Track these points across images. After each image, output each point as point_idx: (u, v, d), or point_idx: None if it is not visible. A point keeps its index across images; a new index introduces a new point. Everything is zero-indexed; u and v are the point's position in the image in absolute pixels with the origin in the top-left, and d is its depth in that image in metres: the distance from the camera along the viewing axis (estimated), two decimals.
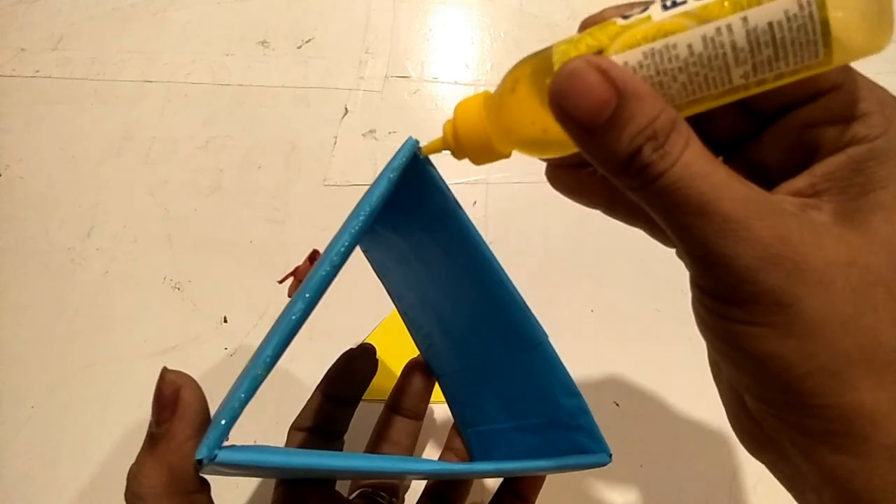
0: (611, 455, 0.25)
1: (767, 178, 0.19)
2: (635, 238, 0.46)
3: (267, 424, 0.37)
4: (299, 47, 0.57)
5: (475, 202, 0.47)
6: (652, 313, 0.42)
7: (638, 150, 0.16)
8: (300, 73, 0.55)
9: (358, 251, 0.31)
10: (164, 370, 0.20)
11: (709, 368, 0.24)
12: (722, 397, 0.20)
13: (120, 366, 0.40)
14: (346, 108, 0.53)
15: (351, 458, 0.21)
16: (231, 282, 0.43)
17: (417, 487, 0.33)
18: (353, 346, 0.32)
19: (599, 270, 0.44)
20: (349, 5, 0.60)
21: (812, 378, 0.16)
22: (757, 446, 0.19)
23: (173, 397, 0.20)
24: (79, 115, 0.52)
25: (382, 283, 0.33)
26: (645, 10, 0.17)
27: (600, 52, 0.17)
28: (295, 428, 0.30)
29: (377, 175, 0.23)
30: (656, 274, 0.43)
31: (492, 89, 0.21)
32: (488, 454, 0.30)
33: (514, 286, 0.26)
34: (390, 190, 0.23)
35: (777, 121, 0.18)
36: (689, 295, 0.18)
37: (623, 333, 0.41)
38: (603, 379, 0.39)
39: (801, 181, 0.17)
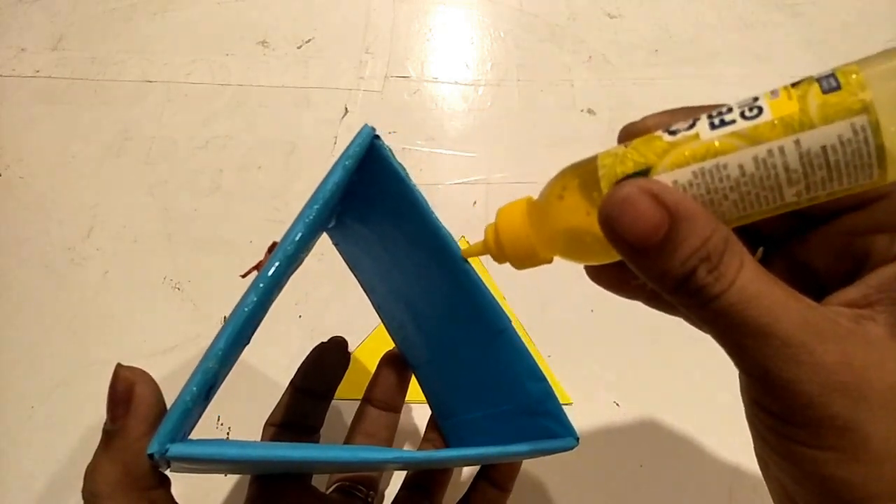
0: (577, 439, 0.25)
1: (814, 277, 0.19)
2: None
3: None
4: (299, 47, 0.57)
5: (475, 202, 0.47)
6: (651, 313, 0.42)
7: (692, 272, 0.16)
8: (300, 73, 0.55)
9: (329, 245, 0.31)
10: (118, 366, 0.20)
11: (708, 369, 0.24)
12: (769, 487, 0.20)
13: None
14: (346, 108, 0.52)
15: (307, 449, 0.20)
16: (231, 282, 0.43)
17: (398, 482, 0.33)
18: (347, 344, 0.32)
19: None
20: (349, 5, 0.60)
21: (876, 501, 0.16)
22: None
23: (127, 394, 0.20)
24: (79, 115, 0.52)
25: (355, 275, 0.32)
26: (692, 126, 0.17)
27: (648, 169, 0.17)
28: (269, 424, 0.29)
29: (335, 165, 0.23)
30: None
31: (492, 89, 0.21)
32: (463, 444, 0.30)
33: (475, 273, 0.25)
34: (345, 178, 0.23)
35: (824, 224, 0.18)
36: None
37: (623, 333, 0.41)
38: (603, 379, 0.39)
39: (854, 291, 0.17)
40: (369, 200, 0.26)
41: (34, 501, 0.35)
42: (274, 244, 0.29)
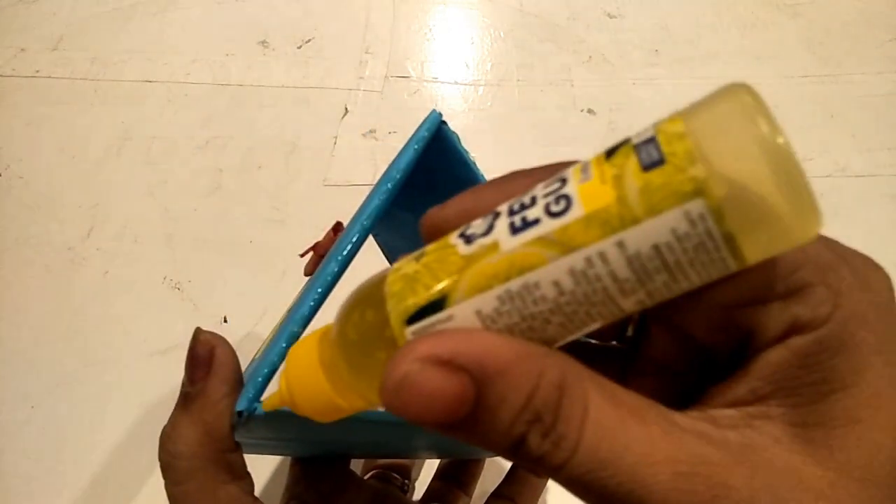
0: None
1: (701, 351, 0.15)
2: None
3: None
4: (299, 47, 0.57)
5: None
6: None
7: (522, 439, 0.12)
8: (300, 73, 0.55)
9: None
10: (198, 330, 0.20)
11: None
12: None
13: (120, 366, 0.40)
14: (346, 108, 0.52)
15: (384, 415, 0.20)
16: (231, 282, 0.43)
17: (430, 469, 0.33)
18: None
19: None
20: (349, 5, 0.60)
21: None
22: None
23: (208, 356, 0.19)
24: (79, 115, 0.52)
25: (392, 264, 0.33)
26: (489, 231, 0.13)
27: (442, 298, 0.13)
28: None
29: (405, 147, 0.24)
30: None
31: (492, 89, 0.21)
32: None
33: None
34: (416, 160, 0.23)
35: (696, 293, 0.13)
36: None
37: None
38: None
39: (740, 388, 0.13)
40: (423, 188, 0.26)
41: (34, 501, 0.35)
42: (338, 224, 0.29)
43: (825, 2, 0.61)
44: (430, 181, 0.26)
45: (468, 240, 0.13)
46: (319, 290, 0.19)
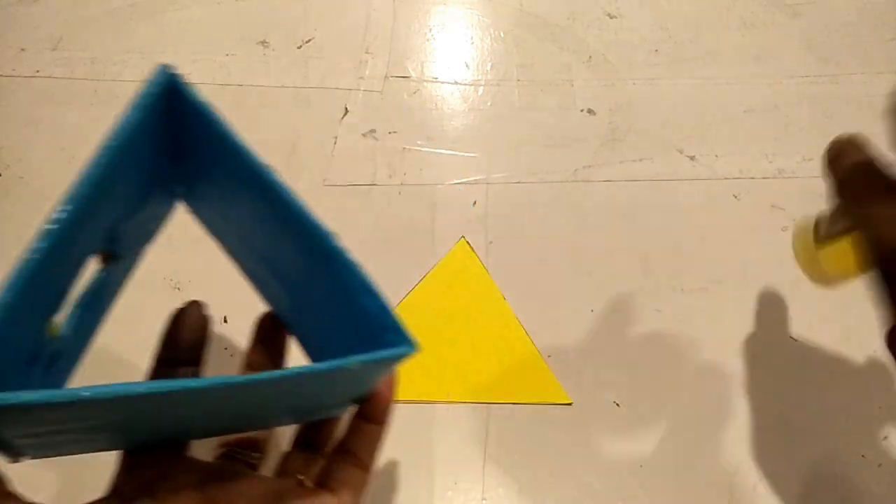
0: (414, 346, 0.24)
1: None
2: (635, 238, 0.46)
3: None
4: (299, 47, 0.57)
5: (475, 202, 0.47)
6: (652, 313, 0.42)
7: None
8: (300, 73, 0.55)
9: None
10: None
11: (708, 370, 0.24)
12: None
13: (120, 366, 0.40)
14: (346, 108, 0.53)
15: (115, 386, 0.19)
16: (231, 282, 0.43)
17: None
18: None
19: (599, 270, 0.44)
20: (349, 5, 0.60)
21: None
22: None
23: None
24: (79, 115, 0.52)
25: (220, 244, 0.32)
26: None
27: None
28: None
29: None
30: (656, 274, 0.43)
31: (492, 89, 0.21)
32: None
33: (294, 193, 0.25)
34: (140, 119, 0.23)
35: None
36: (689, 294, 0.18)
37: (623, 333, 0.41)
38: (603, 379, 0.39)
39: None
40: (200, 153, 0.26)
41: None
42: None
43: (825, 2, 0.61)
44: (200, 147, 0.26)
45: None
46: (17, 272, 0.19)
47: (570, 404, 0.38)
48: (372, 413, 0.28)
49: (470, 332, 0.40)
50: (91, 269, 0.26)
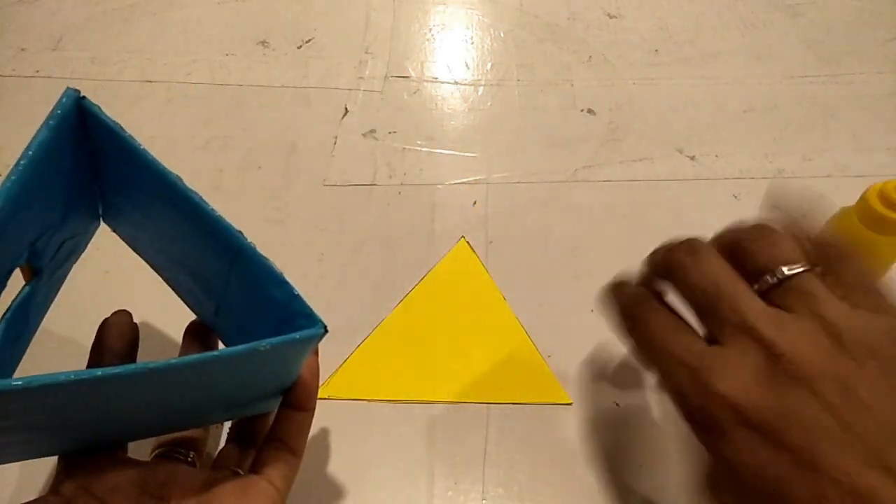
0: (325, 328, 0.25)
1: None
2: (635, 238, 0.46)
3: None
4: (299, 47, 0.57)
5: (475, 202, 0.47)
6: None
7: None
8: (300, 73, 0.55)
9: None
10: None
11: None
12: None
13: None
14: (346, 108, 0.53)
15: (41, 377, 0.20)
16: None
17: None
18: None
19: (599, 270, 0.44)
20: (349, 5, 0.60)
21: None
22: None
23: None
24: None
25: (144, 259, 0.34)
26: None
27: None
28: None
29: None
30: None
31: (492, 89, 0.21)
32: None
33: (201, 199, 0.26)
34: (50, 138, 0.24)
35: None
36: None
37: None
38: (603, 379, 0.39)
39: None
40: (116, 170, 0.28)
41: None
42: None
43: (825, 2, 0.61)
44: (111, 163, 0.27)
45: None
46: None
47: (570, 404, 0.38)
48: (297, 400, 0.29)
49: (470, 332, 0.40)
50: (16, 285, 0.27)
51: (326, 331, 0.25)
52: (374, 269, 0.43)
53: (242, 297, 0.28)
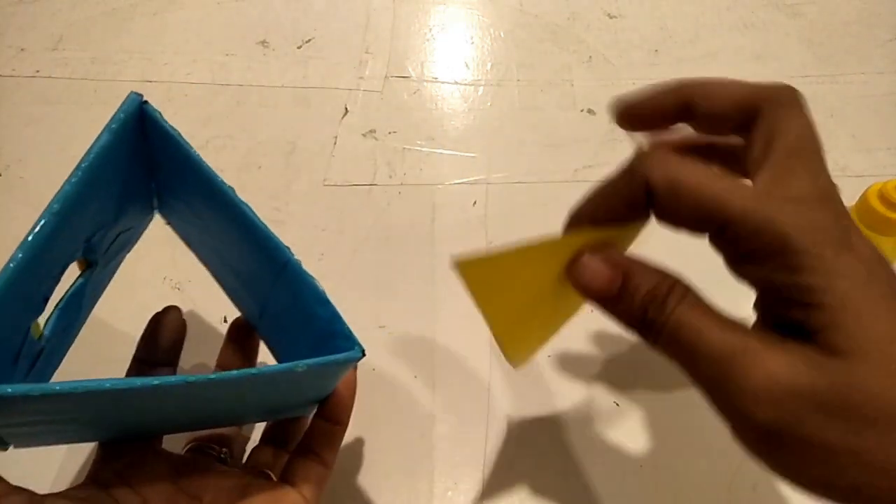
0: (363, 351, 0.26)
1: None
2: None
3: None
4: (299, 47, 0.57)
5: (475, 202, 0.47)
6: None
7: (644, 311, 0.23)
8: (300, 73, 0.55)
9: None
10: None
11: None
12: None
13: (120, 366, 0.40)
14: (346, 108, 0.53)
15: (88, 382, 0.20)
16: None
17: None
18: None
19: None
20: (349, 5, 0.60)
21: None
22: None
23: None
24: (79, 115, 0.52)
25: (195, 254, 0.34)
26: None
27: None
28: None
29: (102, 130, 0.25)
30: None
31: (492, 89, 0.22)
32: None
33: (252, 212, 0.27)
34: (112, 141, 0.25)
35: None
36: None
37: (623, 334, 0.41)
38: (603, 379, 0.39)
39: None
40: (171, 173, 0.28)
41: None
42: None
43: (825, 2, 0.61)
44: (168, 165, 0.28)
45: None
46: (2, 277, 0.21)
47: (569, 404, 0.38)
48: (331, 413, 0.30)
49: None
50: (72, 274, 0.28)
51: (364, 354, 0.26)
52: (374, 269, 0.43)
53: (286, 307, 0.29)
